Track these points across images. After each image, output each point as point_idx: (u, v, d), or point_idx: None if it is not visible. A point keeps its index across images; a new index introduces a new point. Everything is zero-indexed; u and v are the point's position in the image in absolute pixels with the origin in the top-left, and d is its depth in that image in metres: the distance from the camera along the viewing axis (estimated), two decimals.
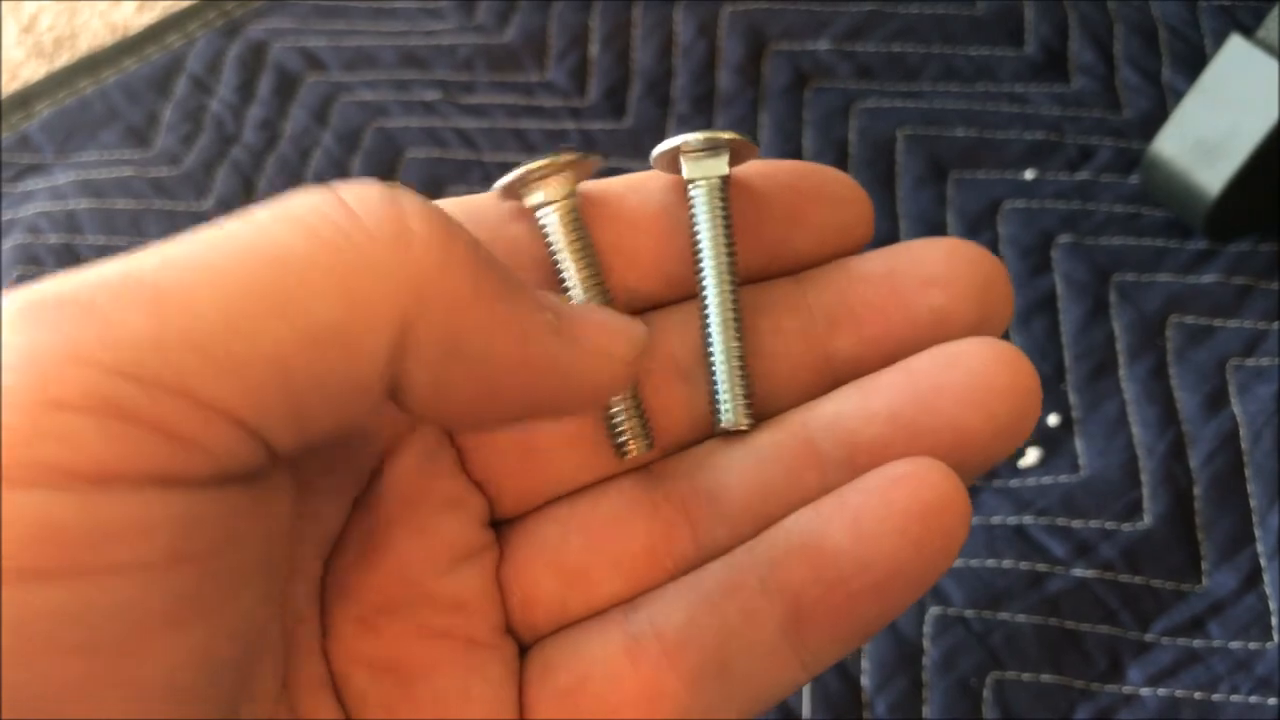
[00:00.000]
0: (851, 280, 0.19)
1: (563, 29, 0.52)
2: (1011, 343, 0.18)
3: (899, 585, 0.17)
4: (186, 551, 0.13)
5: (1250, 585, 0.37)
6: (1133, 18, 0.51)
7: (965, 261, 0.19)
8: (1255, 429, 0.39)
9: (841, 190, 0.20)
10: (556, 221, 0.18)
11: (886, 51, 0.51)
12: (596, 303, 0.19)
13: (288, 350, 0.13)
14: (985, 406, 0.17)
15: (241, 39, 0.53)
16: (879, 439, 0.18)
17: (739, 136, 0.19)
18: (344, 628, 0.18)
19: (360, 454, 0.18)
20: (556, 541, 0.19)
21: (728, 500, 0.18)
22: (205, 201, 0.48)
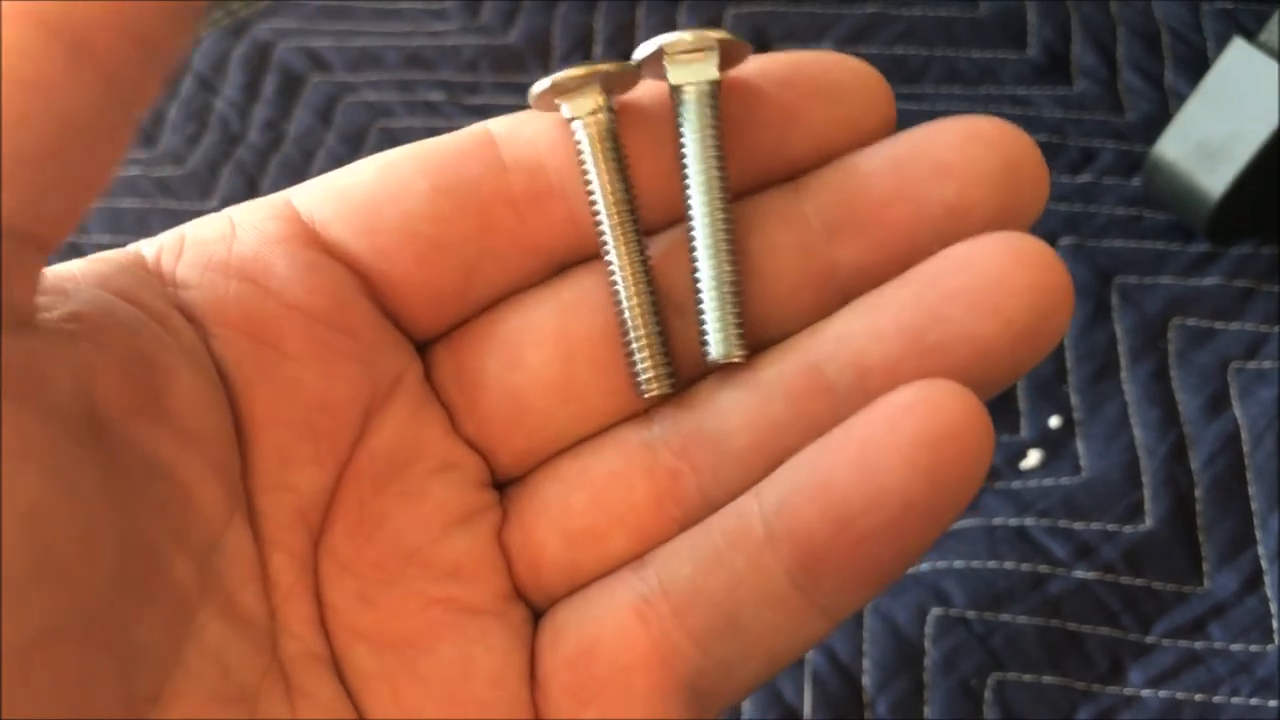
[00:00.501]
0: (853, 179, 0.17)
1: (566, 30, 0.53)
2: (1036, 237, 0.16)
3: (914, 522, 0.15)
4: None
5: (1251, 587, 0.37)
6: (1135, 21, 0.51)
7: (983, 143, 0.17)
8: (1256, 432, 0.39)
9: (846, 78, 0.18)
10: (590, 137, 0.17)
11: (890, 54, 0.51)
12: (625, 225, 0.17)
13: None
14: (1002, 311, 0.16)
15: (247, 39, 0.53)
16: (889, 359, 0.16)
17: (731, 36, 0.17)
18: (341, 603, 0.17)
19: (338, 421, 0.17)
20: (559, 501, 0.18)
21: (732, 442, 0.17)
22: (210, 201, 0.49)
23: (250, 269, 0.17)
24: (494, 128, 0.18)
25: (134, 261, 0.17)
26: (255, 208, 0.18)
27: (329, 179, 0.18)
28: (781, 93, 0.18)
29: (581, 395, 0.18)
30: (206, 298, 0.17)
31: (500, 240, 0.18)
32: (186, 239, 0.17)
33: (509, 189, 0.18)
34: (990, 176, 0.17)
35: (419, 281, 0.18)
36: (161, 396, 0.16)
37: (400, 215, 0.17)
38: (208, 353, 0.16)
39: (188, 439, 0.16)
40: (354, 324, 0.17)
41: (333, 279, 0.17)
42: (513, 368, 0.18)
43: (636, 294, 0.17)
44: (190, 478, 0.16)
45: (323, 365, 0.17)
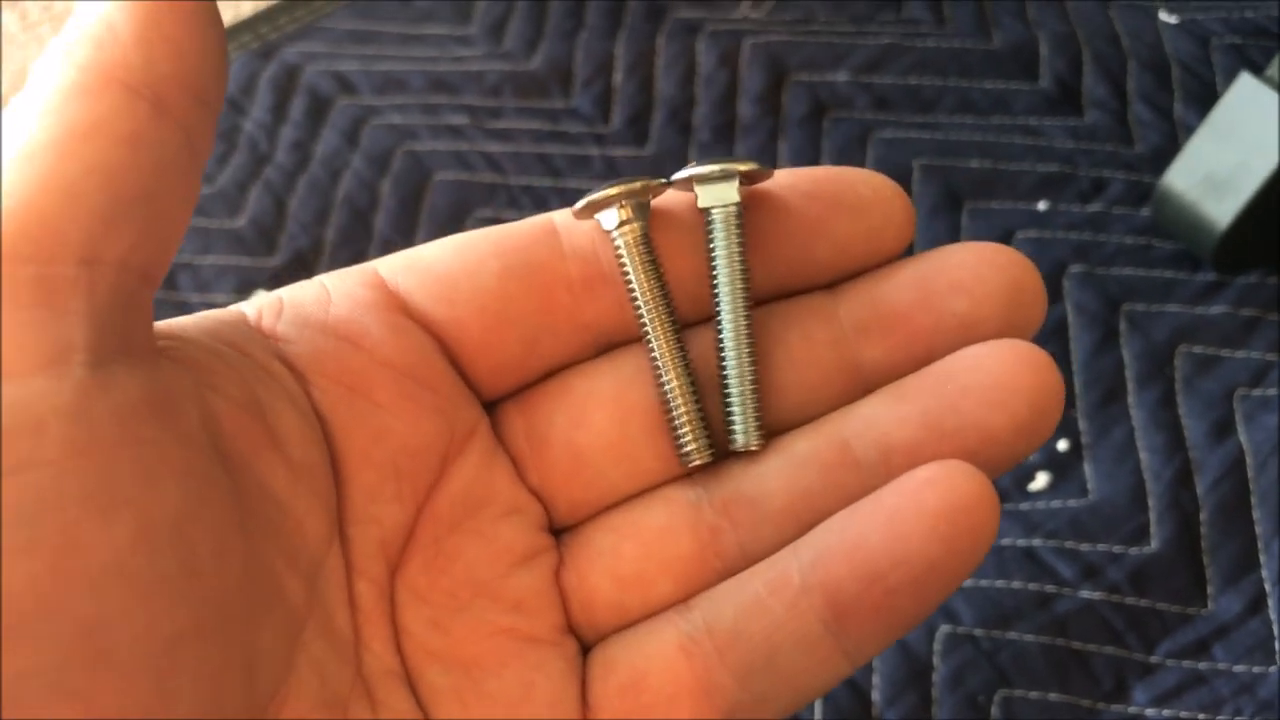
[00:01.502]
0: (881, 289, 0.20)
1: (588, 57, 0.54)
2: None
3: (933, 581, 0.18)
4: (81, 442, 0.14)
5: (1255, 610, 0.37)
6: (1145, 54, 0.52)
7: (993, 267, 0.19)
8: (1261, 458, 0.40)
9: (869, 194, 0.20)
10: (626, 245, 0.20)
11: (904, 83, 0.52)
12: (662, 318, 0.20)
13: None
14: (1008, 407, 0.18)
15: (276, 62, 0.55)
16: (911, 441, 0.19)
17: (751, 166, 0.19)
18: (416, 627, 0.19)
19: (419, 465, 0.19)
20: (611, 549, 0.20)
21: (769, 505, 0.19)
22: (238, 219, 0.50)
23: (346, 329, 0.19)
24: (556, 218, 0.20)
25: (238, 318, 0.19)
26: (346, 276, 0.20)
27: (413, 254, 0.20)
28: (809, 206, 0.20)
29: (634, 456, 0.20)
30: (306, 352, 0.19)
31: (558, 318, 0.20)
32: (285, 301, 0.19)
33: (567, 274, 0.20)
34: (998, 295, 0.19)
35: (487, 349, 0.20)
36: (273, 433, 0.18)
37: (473, 291, 0.20)
38: (307, 399, 0.19)
39: (297, 472, 0.18)
40: (434, 381, 0.20)
41: (416, 341, 0.19)
42: (577, 427, 0.20)
43: (676, 378, 0.20)
44: (300, 506, 0.18)
45: (408, 415, 0.19)
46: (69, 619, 0.14)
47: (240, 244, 0.49)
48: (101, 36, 0.15)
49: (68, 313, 0.15)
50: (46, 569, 0.14)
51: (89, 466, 0.14)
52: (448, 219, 0.49)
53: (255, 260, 0.49)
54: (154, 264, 0.16)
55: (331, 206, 0.50)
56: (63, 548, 0.14)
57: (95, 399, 0.15)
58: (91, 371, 0.15)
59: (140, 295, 0.16)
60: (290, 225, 0.49)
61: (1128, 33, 0.53)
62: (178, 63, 0.15)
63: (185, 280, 0.48)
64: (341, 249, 0.49)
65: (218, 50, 0.16)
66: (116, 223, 0.15)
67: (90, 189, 0.15)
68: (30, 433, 0.14)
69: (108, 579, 0.14)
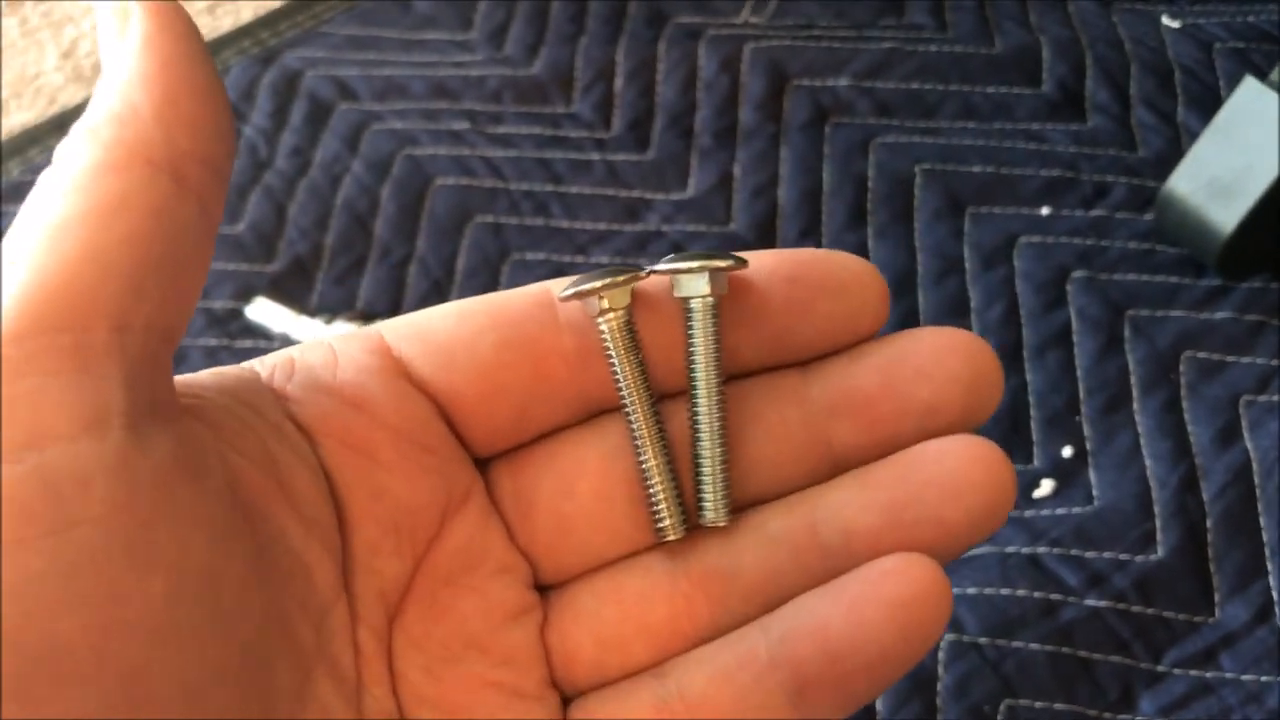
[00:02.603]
0: (851, 372, 0.21)
1: (588, 63, 0.54)
2: (991, 440, 0.20)
3: (887, 664, 0.19)
4: (122, 500, 0.16)
5: (1262, 618, 0.37)
6: (1148, 59, 0.52)
7: (955, 354, 0.21)
8: (1267, 464, 0.40)
9: (847, 278, 0.21)
10: (609, 331, 0.21)
11: (905, 89, 0.52)
12: (642, 400, 0.21)
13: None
14: (963, 501, 0.20)
15: (276, 67, 0.54)
16: (873, 529, 0.20)
17: (727, 262, 0.20)
18: (411, 674, 0.20)
19: (418, 522, 0.20)
20: (593, 612, 0.21)
21: (741, 580, 0.21)
22: (237, 225, 0.50)
23: (352, 393, 0.20)
24: (553, 289, 0.21)
25: (253, 377, 0.20)
26: (352, 340, 0.21)
27: (416, 321, 0.22)
28: (790, 290, 0.21)
29: (616, 526, 0.21)
30: (314, 414, 0.20)
31: (551, 387, 0.21)
32: (296, 363, 0.21)
33: (561, 346, 0.21)
34: (960, 382, 0.21)
35: (482, 415, 0.21)
36: (287, 489, 0.19)
37: (471, 361, 0.21)
38: (315, 457, 0.20)
39: (309, 525, 0.19)
40: (434, 444, 0.21)
41: (417, 406, 0.21)
42: (564, 496, 0.21)
43: (653, 457, 0.21)
44: (311, 558, 0.19)
45: (408, 475, 0.20)
46: (113, 667, 0.15)
47: (240, 250, 0.49)
48: (124, 115, 0.17)
49: (104, 377, 0.16)
50: (95, 620, 0.15)
51: (130, 523, 0.16)
52: (448, 224, 0.49)
53: (254, 266, 0.48)
54: (175, 326, 0.17)
55: (331, 212, 0.50)
56: (108, 600, 0.15)
57: (134, 459, 0.16)
58: (128, 433, 0.16)
59: (164, 356, 0.17)
60: (290, 231, 0.49)
61: (1130, 37, 0.53)
62: (194, 138, 0.17)
63: None
64: (341, 255, 0.48)
65: (228, 124, 0.17)
66: (144, 290, 0.16)
67: (120, 259, 0.16)
68: (78, 492, 0.15)
69: (146, 629, 0.16)
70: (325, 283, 0.48)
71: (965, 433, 0.21)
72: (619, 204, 0.49)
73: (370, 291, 0.47)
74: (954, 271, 0.46)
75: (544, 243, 0.48)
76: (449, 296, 0.47)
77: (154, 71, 0.17)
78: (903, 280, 0.46)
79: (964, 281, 0.46)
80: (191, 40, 0.17)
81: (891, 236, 0.47)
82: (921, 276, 0.46)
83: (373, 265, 0.48)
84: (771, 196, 0.49)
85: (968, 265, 0.46)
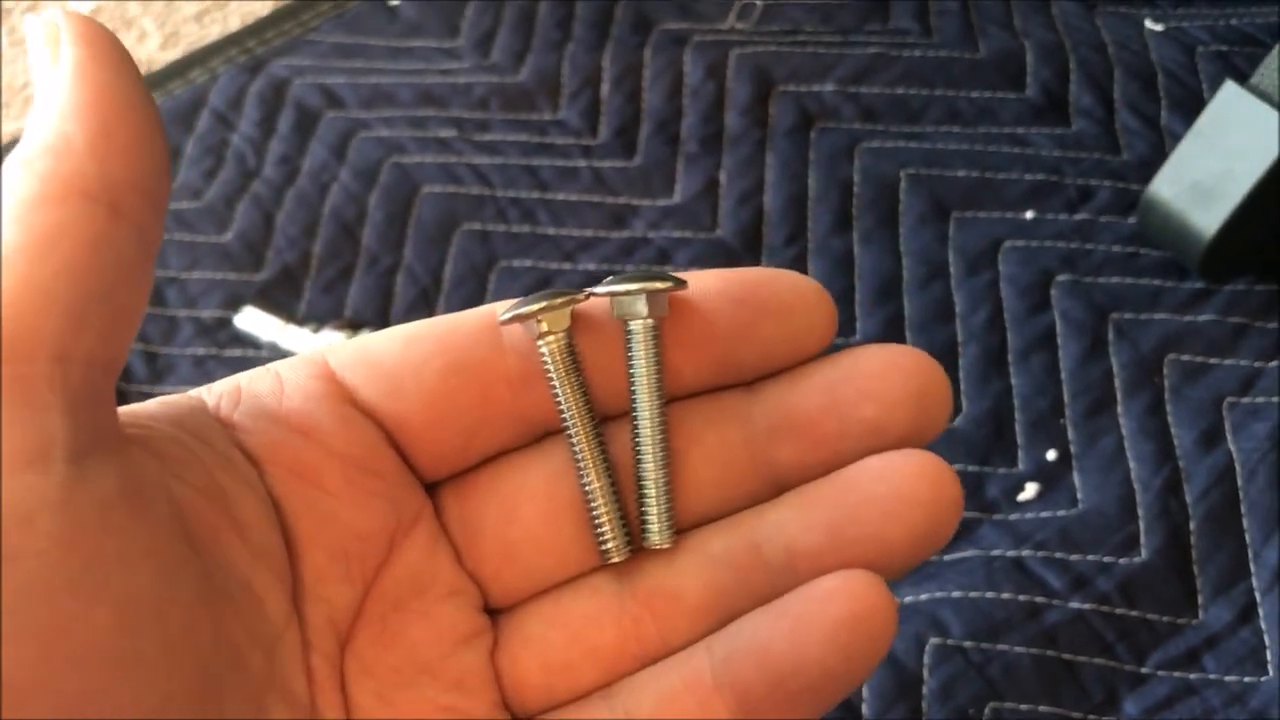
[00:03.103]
0: (794, 392, 0.21)
1: (575, 70, 0.54)
2: (937, 455, 0.20)
3: (830, 685, 0.19)
4: (66, 534, 0.15)
5: (1245, 619, 0.37)
6: (1132, 62, 0.52)
7: (901, 372, 0.20)
8: (1250, 466, 0.40)
9: (793, 299, 0.21)
10: (550, 354, 0.21)
11: (890, 94, 0.52)
12: (583, 422, 0.21)
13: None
14: (906, 519, 0.20)
15: (263, 75, 0.55)
16: (815, 547, 0.20)
17: (666, 284, 0.20)
18: (364, 699, 0.20)
19: (367, 548, 0.20)
20: (540, 636, 0.21)
21: (687, 600, 0.21)
22: (226, 234, 0.50)
23: (298, 421, 0.20)
24: (498, 311, 0.21)
25: (199, 405, 0.20)
26: (297, 365, 0.21)
27: (362, 346, 0.21)
28: (735, 311, 0.21)
29: (563, 549, 0.21)
30: (262, 442, 0.20)
31: (496, 411, 0.21)
32: (242, 391, 0.21)
33: (506, 370, 0.21)
34: (905, 401, 0.20)
35: (429, 440, 0.21)
36: (234, 518, 0.19)
37: (418, 387, 0.21)
38: (263, 485, 0.20)
39: (256, 553, 0.19)
40: (381, 469, 0.21)
41: (364, 432, 0.21)
42: (509, 522, 0.21)
43: (596, 479, 0.21)
44: (260, 585, 0.19)
45: (356, 501, 0.20)
46: (59, 697, 0.15)
47: (227, 259, 0.49)
48: (58, 147, 0.16)
49: (47, 409, 0.16)
50: (38, 652, 0.15)
51: (73, 556, 0.16)
52: (435, 232, 0.49)
53: (242, 275, 0.49)
54: (116, 357, 0.17)
55: (319, 221, 0.50)
56: (52, 631, 0.15)
57: (77, 491, 0.16)
58: (71, 466, 0.16)
59: (105, 387, 0.17)
60: (278, 240, 0.49)
61: (1114, 41, 0.53)
62: (129, 168, 0.17)
63: (173, 295, 0.48)
64: (329, 263, 0.49)
65: (163, 153, 0.17)
66: (84, 320, 0.16)
67: (60, 290, 0.16)
68: (21, 526, 0.15)
69: (92, 659, 0.16)
70: (313, 291, 0.48)
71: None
72: (606, 211, 0.50)
73: (358, 300, 0.48)
74: (939, 276, 0.46)
75: (531, 250, 0.49)
76: (437, 304, 0.47)
77: (87, 101, 0.16)
78: (888, 285, 0.46)
79: (949, 286, 0.46)
80: (124, 67, 0.17)
81: (877, 241, 0.48)
82: (906, 281, 0.46)
83: (360, 273, 0.48)
84: (757, 202, 0.49)
85: (952, 270, 0.46)
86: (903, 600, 0.38)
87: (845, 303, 0.46)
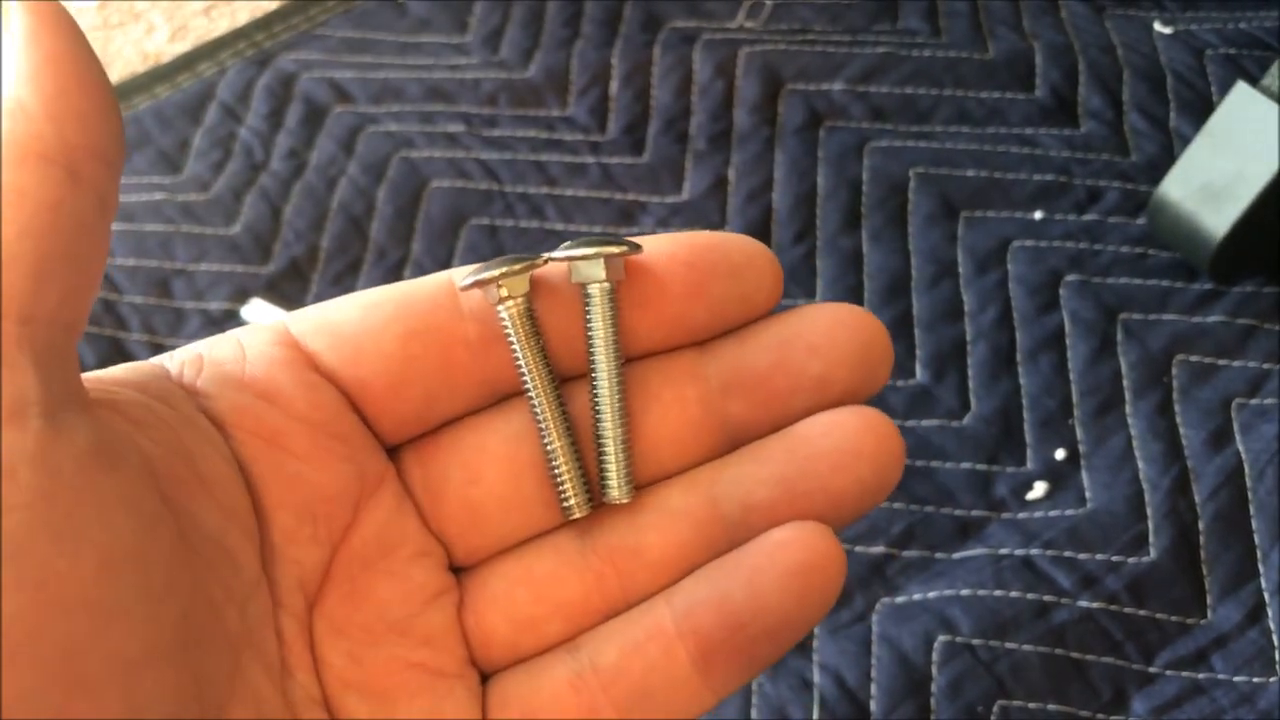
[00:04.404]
0: (745, 350, 0.22)
1: (584, 66, 0.54)
2: (879, 410, 0.21)
3: (787, 629, 0.21)
4: (47, 487, 0.16)
5: (1254, 620, 0.37)
6: (1141, 65, 0.52)
7: (845, 328, 0.21)
8: (1259, 467, 0.40)
9: (740, 260, 0.22)
10: (510, 318, 0.21)
11: (899, 93, 0.52)
12: (544, 383, 0.22)
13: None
14: (854, 471, 0.21)
15: (271, 69, 0.54)
16: (768, 500, 0.21)
17: (621, 248, 0.21)
18: (334, 659, 0.21)
19: (333, 509, 0.21)
20: (506, 594, 0.22)
21: (648, 555, 0.22)
22: (233, 226, 0.50)
23: (262, 386, 0.21)
24: (456, 277, 0.22)
25: (161, 373, 0.21)
26: (258, 332, 0.22)
27: (322, 314, 0.22)
28: (688, 273, 0.22)
29: (526, 507, 0.22)
30: (226, 407, 0.20)
31: (456, 375, 0.22)
32: (204, 359, 0.21)
33: (465, 335, 0.22)
34: (850, 357, 0.21)
35: (390, 404, 0.22)
36: (202, 477, 0.19)
37: (378, 353, 0.21)
38: (228, 449, 0.20)
39: (228, 512, 0.20)
40: (345, 432, 0.21)
41: (327, 397, 0.21)
42: (471, 482, 0.22)
43: (557, 438, 0.22)
44: (232, 543, 0.19)
45: (321, 463, 0.21)
46: (49, 646, 0.16)
47: (235, 251, 0.49)
48: (14, 112, 0.17)
49: (16, 368, 0.16)
50: (29, 602, 0.15)
51: (55, 508, 0.16)
52: (443, 227, 0.49)
53: (250, 267, 0.48)
54: (77, 317, 0.17)
55: (327, 214, 0.50)
56: (41, 581, 0.16)
57: (54, 445, 0.16)
58: (46, 421, 0.16)
59: (68, 347, 0.17)
60: (285, 233, 0.49)
61: (1123, 43, 0.53)
62: (85, 132, 0.17)
63: (180, 288, 0.48)
64: (337, 256, 0.49)
65: (115, 116, 0.18)
66: (46, 282, 0.16)
67: (21, 252, 0.16)
68: (4, 480, 0.16)
69: (79, 608, 0.16)
70: (321, 284, 0.48)
71: (857, 403, 0.21)
72: (614, 207, 0.50)
73: None
74: (948, 275, 0.46)
75: (539, 245, 0.49)
76: None
77: (39, 67, 0.17)
78: (897, 284, 0.46)
79: (958, 285, 0.46)
80: (75, 36, 0.17)
81: (885, 240, 0.48)
82: (915, 280, 0.46)
83: (368, 267, 0.48)
84: (766, 200, 0.49)
85: (961, 269, 0.46)
86: (911, 598, 0.38)
87: (854, 301, 0.46)
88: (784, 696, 0.37)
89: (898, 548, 0.40)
